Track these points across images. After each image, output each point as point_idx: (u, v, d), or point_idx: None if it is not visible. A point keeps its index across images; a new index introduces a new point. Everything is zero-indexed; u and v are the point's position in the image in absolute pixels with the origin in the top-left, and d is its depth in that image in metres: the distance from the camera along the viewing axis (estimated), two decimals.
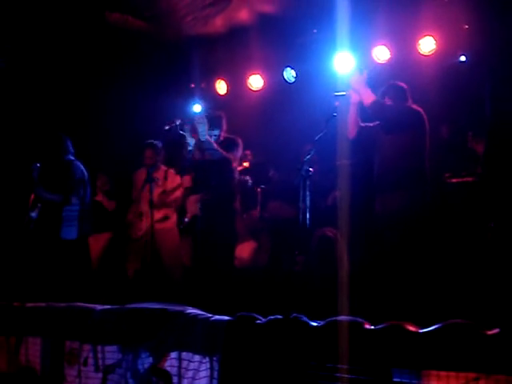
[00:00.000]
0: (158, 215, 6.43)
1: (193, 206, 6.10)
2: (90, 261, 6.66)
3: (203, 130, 5.54)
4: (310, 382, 3.23)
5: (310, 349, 3.25)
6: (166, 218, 6.65)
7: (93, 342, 4.17)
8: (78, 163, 6.15)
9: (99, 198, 7.47)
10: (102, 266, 7.23)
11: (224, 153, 5.68)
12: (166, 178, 6.67)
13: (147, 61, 7.74)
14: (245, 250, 7.15)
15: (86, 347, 4.20)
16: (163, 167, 6.75)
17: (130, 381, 3.95)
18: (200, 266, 5.69)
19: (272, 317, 3.47)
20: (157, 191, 6.45)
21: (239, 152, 5.96)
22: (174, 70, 7.94)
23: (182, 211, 6.70)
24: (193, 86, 8.44)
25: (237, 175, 6.04)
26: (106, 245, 7.34)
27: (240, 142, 5.94)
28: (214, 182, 5.76)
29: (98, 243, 7.12)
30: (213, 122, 5.81)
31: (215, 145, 5.67)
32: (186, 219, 6.50)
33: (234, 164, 5.89)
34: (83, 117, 7.54)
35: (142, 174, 6.54)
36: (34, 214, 6.15)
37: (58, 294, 5.33)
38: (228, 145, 5.80)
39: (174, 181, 6.69)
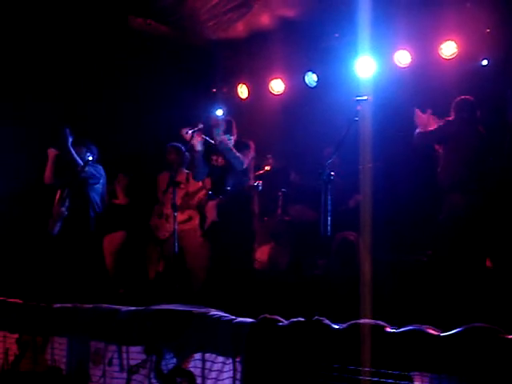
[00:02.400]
0: (181, 217, 6.47)
1: (211, 212, 6.15)
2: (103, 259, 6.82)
3: (219, 131, 5.60)
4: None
5: (332, 351, 3.28)
6: (189, 219, 6.70)
7: (118, 343, 4.23)
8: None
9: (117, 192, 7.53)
10: (119, 266, 7.28)
11: (241, 157, 5.71)
12: (187, 180, 6.72)
13: (170, 65, 7.81)
14: (265, 253, 7.19)
15: (111, 347, 4.27)
16: (185, 170, 6.82)
17: (154, 381, 4.00)
18: (220, 269, 5.75)
19: (294, 319, 3.51)
20: (180, 193, 6.51)
21: (251, 154, 5.98)
22: (195, 75, 8.00)
23: (202, 217, 6.76)
24: (214, 90, 8.51)
25: (251, 177, 6.06)
26: (121, 243, 7.37)
27: (252, 144, 5.97)
28: (229, 185, 5.82)
29: (112, 243, 7.19)
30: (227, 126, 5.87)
31: (232, 147, 5.70)
32: (206, 226, 6.56)
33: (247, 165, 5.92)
34: (107, 119, 7.61)
35: (165, 177, 6.62)
36: (63, 209, 6.29)
37: (84, 291, 5.45)
38: (239, 147, 5.82)
39: (196, 183, 6.75)
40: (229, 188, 5.82)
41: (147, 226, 6.88)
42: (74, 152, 6.40)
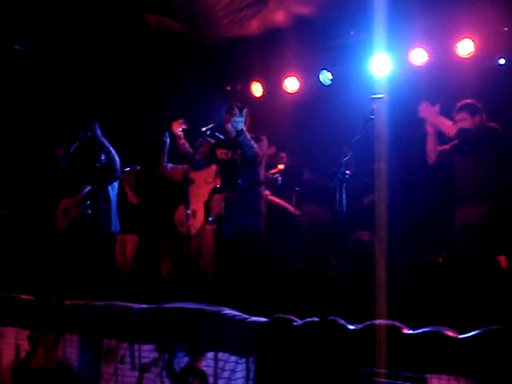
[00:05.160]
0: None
1: (217, 205, 6.07)
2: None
3: (241, 120, 5.53)
4: None
5: (346, 352, 3.24)
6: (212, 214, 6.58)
7: (130, 341, 4.21)
8: None
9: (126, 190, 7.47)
10: (132, 266, 7.26)
11: (257, 149, 5.62)
12: (217, 175, 6.61)
13: (184, 63, 7.79)
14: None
15: (123, 345, 4.24)
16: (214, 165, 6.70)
17: (166, 380, 3.97)
18: (229, 267, 5.69)
19: (309, 319, 3.47)
20: (207, 189, 6.45)
21: (265, 147, 5.90)
22: (210, 72, 7.97)
23: (206, 210, 6.67)
24: (228, 88, 8.47)
25: (263, 173, 5.98)
26: (134, 246, 7.35)
27: (265, 138, 5.89)
28: (241, 180, 5.75)
29: (124, 244, 7.17)
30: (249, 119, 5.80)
31: (251, 139, 5.61)
32: (210, 218, 6.47)
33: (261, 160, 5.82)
34: (119, 117, 7.60)
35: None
36: (84, 208, 6.27)
37: (98, 289, 5.43)
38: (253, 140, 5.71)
39: None
40: (240, 182, 5.76)
41: (162, 223, 6.83)
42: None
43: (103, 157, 6.50)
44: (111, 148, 6.53)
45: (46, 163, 6.84)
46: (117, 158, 6.52)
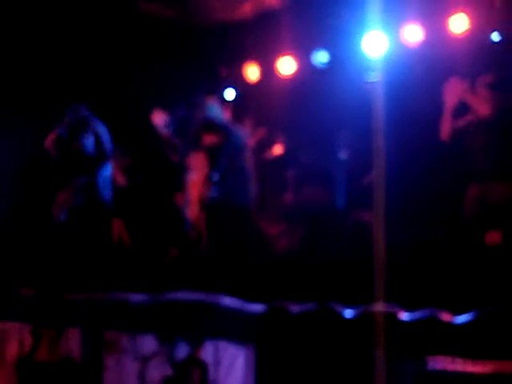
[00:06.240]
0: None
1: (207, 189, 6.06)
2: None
3: (211, 107, 5.47)
4: (344, 372, 3.24)
5: (344, 340, 3.26)
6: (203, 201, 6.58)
7: (131, 332, 4.24)
8: None
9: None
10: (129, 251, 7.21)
11: (242, 133, 5.56)
12: (206, 160, 6.56)
13: (176, 48, 7.73)
14: (276, 235, 7.13)
15: (124, 337, 4.27)
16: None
17: (168, 370, 4.01)
18: (222, 252, 5.68)
19: (305, 307, 3.48)
20: (201, 175, 6.42)
21: (247, 129, 5.83)
22: (203, 57, 7.92)
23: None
24: (223, 72, 8.42)
25: (249, 156, 5.91)
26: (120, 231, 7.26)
27: (248, 120, 5.83)
28: (222, 164, 5.71)
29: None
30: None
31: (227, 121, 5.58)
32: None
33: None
34: (115, 103, 7.56)
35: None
36: (76, 197, 6.24)
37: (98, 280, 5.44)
38: (235, 123, 5.71)
39: None
40: (221, 166, 5.70)
41: (158, 210, 6.80)
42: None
43: (92, 143, 6.39)
44: (102, 130, 6.38)
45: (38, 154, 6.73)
46: (108, 143, 6.38)
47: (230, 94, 5.86)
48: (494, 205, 5.41)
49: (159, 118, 5.70)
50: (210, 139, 5.77)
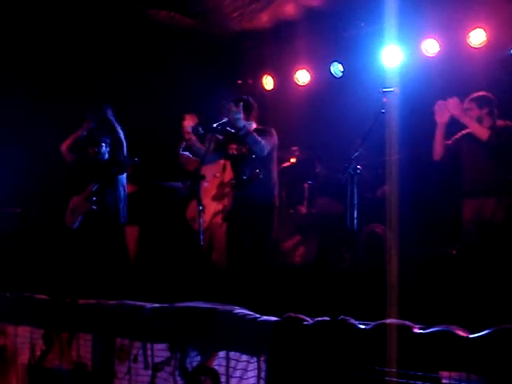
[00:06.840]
0: (217, 207, 6.39)
1: (228, 200, 6.04)
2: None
3: (237, 117, 5.45)
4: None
5: (357, 352, 3.23)
6: (224, 211, 6.58)
7: (142, 340, 4.23)
8: None
9: None
10: (139, 259, 7.21)
11: (261, 140, 5.48)
12: (224, 169, 6.56)
13: (194, 58, 7.78)
14: (291, 247, 7.13)
15: (136, 344, 4.26)
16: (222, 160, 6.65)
17: (179, 379, 3.99)
18: (240, 262, 5.66)
19: (319, 318, 3.46)
20: (215, 183, 6.42)
21: (273, 141, 5.73)
22: (220, 67, 7.96)
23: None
24: (239, 82, 8.45)
25: (275, 168, 5.87)
26: (136, 238, 7.26)
27: (273, 131, 5.72)
28: (246, 174, 5.65)
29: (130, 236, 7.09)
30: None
31: (252, 131, 5.50)
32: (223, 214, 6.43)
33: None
34: (130, 111, 7.59)
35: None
36: (91, 204, 6.24)
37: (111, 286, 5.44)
38: (260, 134, 5.59)
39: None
40: (245, 177, 5.68)
41: (168, 218, 6.80)
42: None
43: (107, 149, 6.39)
44: (121, 134, 6.34)
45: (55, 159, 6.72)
46: (126, 150, 6.36)
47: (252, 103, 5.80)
48: (490, 221, 5.42)
49: (190, 123, 5.68)
50: (235, 149, 5.77)
